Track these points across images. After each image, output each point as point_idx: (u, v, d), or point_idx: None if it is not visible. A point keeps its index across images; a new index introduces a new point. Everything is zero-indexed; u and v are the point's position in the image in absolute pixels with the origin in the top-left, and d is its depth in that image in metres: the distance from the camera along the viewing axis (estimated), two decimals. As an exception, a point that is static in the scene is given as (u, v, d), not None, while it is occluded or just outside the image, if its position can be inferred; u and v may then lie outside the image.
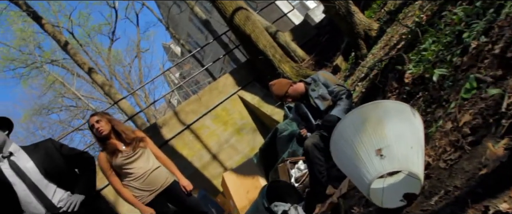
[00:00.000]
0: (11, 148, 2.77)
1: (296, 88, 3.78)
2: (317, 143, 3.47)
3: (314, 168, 3.47)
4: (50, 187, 2.70)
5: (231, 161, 8.87)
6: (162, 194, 3.22)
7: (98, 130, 3.18)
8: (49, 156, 2.79)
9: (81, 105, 22.78)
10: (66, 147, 2.95)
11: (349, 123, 1.90)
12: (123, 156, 3.16)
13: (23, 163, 2.71)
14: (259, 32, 8.96)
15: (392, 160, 1.75)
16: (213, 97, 9.29)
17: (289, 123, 6.27)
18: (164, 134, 8.82)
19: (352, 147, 1.84)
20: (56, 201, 2.68)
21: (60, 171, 2.78)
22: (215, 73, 23.21)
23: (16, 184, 2.64)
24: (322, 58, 9.28)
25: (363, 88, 4.92)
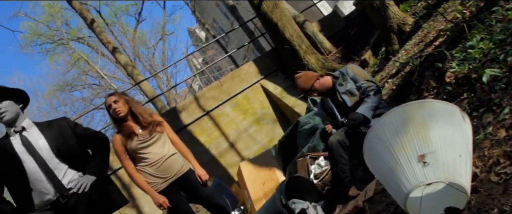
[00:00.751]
0: (24, 122, 2.64)
1: (323, 82, 3.54)
2: (342, 140, 3.25)
3: (338, 167, 3.25)
4: (61, 167, 2.56)
5: (249, 151, 8.70)
6: (176, 183, 3.06)
7: (115, 111, 3.03)
8: (62, 135, 2.65)
9: (103, 84, 22.97)
10: (81, 126, 2.81)
11: (389, 122, 1.67)
12: (139, 139, 3.00)
13: (35, 140, 2.57)
14: (287, 21, 8.70)
15: (437, 169, 1.51)
16: (235, 84, 9.11)
17: (311, 116, 6.04)
18: (183, 118, 8.70)
19: (389, 149, 1.62)
20: (66, 182, 2.54)
21: (73, 151, 2.64)
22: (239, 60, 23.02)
23: (26, 160, 2.51)
24: (349, 52, 8.96)
25: (394, 86, 4.64)
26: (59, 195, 2.51)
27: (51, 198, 2.51)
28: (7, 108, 2.56)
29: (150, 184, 3.01)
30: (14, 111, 2.60)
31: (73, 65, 22.31)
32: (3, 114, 2.55)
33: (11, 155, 2.51)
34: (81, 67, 22.60)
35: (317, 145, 5.49)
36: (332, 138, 3.27)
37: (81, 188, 2.53)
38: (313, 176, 4.63)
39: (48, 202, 2.51)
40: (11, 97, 2.63)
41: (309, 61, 8.56)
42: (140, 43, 23.67)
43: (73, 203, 2.52)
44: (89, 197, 2.55)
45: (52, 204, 2.51)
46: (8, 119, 2.57)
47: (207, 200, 3.10)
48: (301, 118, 6.20)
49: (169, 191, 3.00)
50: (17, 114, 2.62)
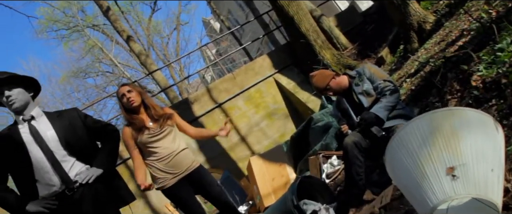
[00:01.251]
0: (34, 111, 2.57)
1: (339, 82, 3.43)
2: (358, 142, 3.14)
3: (352, 169, 3.15)
4: (68, 159, 2.49)
5: (259, 145, 8.61)
6: (186, 179, 2.97)
7: (129, 100, 2.97)
8: (72, 126, 2.57)
9: (117, 72, 23.06)
10: (91, 118, 2.73)
11: (415, 129, 1.55)
12: (150, 133, 2.93)
13: (43, 130, 2.50)
14: (303, 15, 8.55)
15: (467, 184, 1.40)
16: (248, 77, 9.00)
17: (325, 113, 5.91)
18: (195, 110, 8.63)
19: (415, 159, 1.50)
20: (72, 174, 2.47)
21: (82, 143, 2.56)
22: (252, 53, 22.89)
23: (32, 151, 2.44)
24: (366, 48, 8.78)
25: (412, 86, 4.48)
26: (64, 187, 2.44)
27: (57, 190, 2.44)
28: (17, 96, 2.50)
29: (159, 180, 2.93)
30: (24, 99, 2.54)
31: (87, 52, 22.42)
32: (13, 101, 2.48)
33: (18, 144, 2.45)
34: (95, 55, 22.71)
35: (330, 143, 5.38)
36: (347, 139, 3.16)
37: (86, 179, 2.46)
38: (325, 176, 4.53)
39: (53, 193, 2.44)
40: (22, 85, 2.57)
41: (324, 57, 8.40)
42: (155, 32, 23.67)
43: (78, 196, 2.45)
44: (95, 191, 2.48)
45: (58, 196, 2.44)
46: (18, 107, 2.50)
47: (216, 197, 3.02)
48: (314, 115, 6.08)
49: (178, 187, 2.92)
50: (27, 102, 2.55)
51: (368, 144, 3.19)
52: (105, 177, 2.55)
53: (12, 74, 2.55)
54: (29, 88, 2.62)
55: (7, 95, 2.48)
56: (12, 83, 2.52)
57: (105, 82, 24.30)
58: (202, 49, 25.92)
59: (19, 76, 2.57)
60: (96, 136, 2.69)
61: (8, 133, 2.51)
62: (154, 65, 14.97)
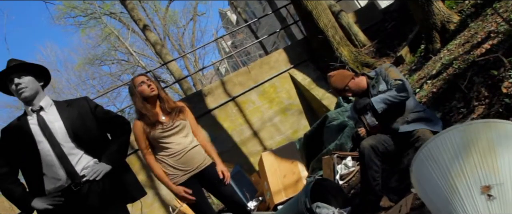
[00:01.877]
0: (43, 101, 2.49)
1: (358, 83, 3.31)
2: (375, 146, 3.02)
3: (368, 173, 3.03)
4: (76, 152, 2.41)
5: (272, 141, 8.51)
6: (197, 176, 2.88)
7: (150, 87, 2.88)
8: (81, 117, 2.48)
9: (132, 61, 23.10)
10: (101, 109, 2.62)
11: (447, 141, 1.42)
12: (163, 128, 2.84)
13: (51, 121, 2.43)
14: (322, 10, 8.38)
15: (505, 205, 1.27)
16: (263, 72, 8.88)
17: (341, 112, 5.77)
18: (208, 102, 8.55)
19: (445, 173, 1.38)
20: (79, 168, 2.38)
21: (91, 135, 2.47)
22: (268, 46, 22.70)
23: (40, 143, 2.37)
24: (384, 46, 8.57)
25: (434, 88, 4.31)
26: (71, 182, 2.36)
27: (62, 185, 2.37)
28: (27, 84, 2.43)
29: (169, 176, 2.84)
30: (34, 88, 2.46)
31: (103, 39, 22.50)
32: (23, 89, 2.41)
33: (27, 135, 2.38)
34: (111, 42, 22.78)
35: (345, 143, 5.25)
36: (364, 142, 3.05)
37: (94, 175, 2.38)
38: (338, 177, 4.40)
39: (59, 188, 2.37)
40: (33, 74, 2.49)
41: (341, 53, 8.24)
42: (171, 22, 23.64)
43: (85, 192, 2.37)
44: (103, 187, 2.40)
45: (63, 191, 2.37)
46: (27, 96, 2.43)
47: (227, 197, 2.92)
48: (330, 113, 5.94)
49: (189, 185, 2.83)
50: (36, 91, 2.48)
51: (386, 148, 3.07)
52: (114, 172, 2.46)
53: (23, 62, 2.48)
54: (39, 77, 2.54)
55: (16, 83, 2.41)
56: (22, 71, 2.45)
57: (120, 70, 24.42)
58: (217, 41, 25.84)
59: (29, 64, 2.50)
60: (106, 127, 2.59)
61: (18, 124, 2.45)
62: (169, 55, 14.94)
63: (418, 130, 2.96)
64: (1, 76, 2.44)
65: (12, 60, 2.48)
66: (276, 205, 6.25)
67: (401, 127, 3.07)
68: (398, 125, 3.10)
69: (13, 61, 2.47)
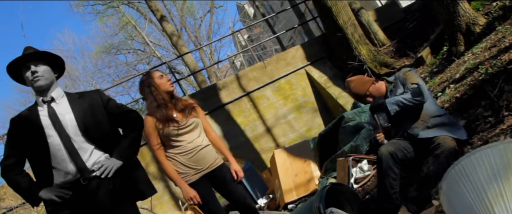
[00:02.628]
0: (54, 92, 2.42)
1: (378, 88, 3.20)
2: (394, 152, 2.89)
3: (386, 181, 2.90)
4: (86, 147, 2.33)
5: (285, 138, 8.39)
6: (208, 176, 2.80)
7: (170, 82, 2.85)
8: (92, 110, 2.40)
9: (148, 51, 23.13)
10: (114, 102, 2.53)
11: (484, 160, 1.29)
12: (177, 125, 2.76)
13: (62, 113, 2.35)
14: (342, 7, 8.20)
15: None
16: (279, 68, 8.75)
17: (357, 113, 5.62)
18: (222, 96, 8.47)
19: (481, 194, 1.26)
20: (90, 164, 2.31)
21: (102, 130, 2.39)
22: (284, 41, 22.53)
23: (51, 136, 2.29)
24: (404, 46, 8.37)
25: (457, 93, 4.14)
26: (80, 176, 2.29)
27: (71, 178, 2.30)
28: (43, 73, 2.36)
29: (180, 174, 2.76)
30: (50, 78, 2.40)
31: (121, 29, 22.55)
32: (38, 78, 2.34)
33: (36, 127, 2.30)
34: (128, 32, 22.81)
35: (361, 145, 5.10)
36: (382, 149, 2.92)
37: (105, 172, 2.30)
38: (353, 180, 4.27)
39: (68, 181, 2.30)
40: (50, 64, 2.43)
41: (360, 52, 8.06)
42: (188, 14, 23.57)
43: (94, 187, 2.29)
44: (112, 183, 2.32)
45: (72, 185, 2.30)
46: (42, 85, 2.36)
47: (238, 199, 2.82)
48: (346, 113, 5.79)
49: (199, 184, 2.74)
50: (51, 82, 2.41)
51: (405, 155, 2.94)
52: (125, 168, 2.38)
53: (41, 51, 2.41)
54: (55, 68, 2.47)
55: (33, 70, 2.33)
56: (40, 59, 2.38)
57: (135, 60, 24.47)
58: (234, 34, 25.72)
59: (47, 53, 2.43)
60: (118, 121, 2.51)
61: (27, 115, 2.37)
62: (185, 47, 14.90)
63: (438, 136, 2.82)
64: (17, 62, 2.38)
65: (30, 48, 2.42)
66: (286, 204, 6.15)
67: (421, 133, 2.94)
68: (418, 130, 2.97)
69: (31, 49, 2.41)
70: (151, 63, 23.00)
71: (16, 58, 2.36)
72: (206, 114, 8.08)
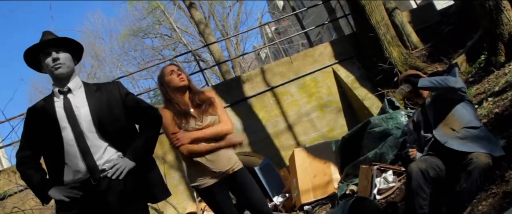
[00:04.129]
0: (72, 83, 2.29)
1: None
2: (425, 170, 2.70)
3: (415, 200, 2.71)
4: (99, 144, 2.20)
5: (306, 137, 8.21)
6: (225, 180, 2.67)
7: (180, 76, 2.73)
8: (109, 104, 2.27)
9: (175, 37, 23.15)
10: (132, 97, 2.39)
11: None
12: (192, 121, 2.64)
13: (77, 106, 2.23)
14: (375, 6, 7.90)
15: None
16: (306, 64, 8.54)
17: (385, 119, 5.38)
18: (246, 90, 8.32)
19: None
20: (101, 162, 2.19)
21: (117, 126, 2.26)
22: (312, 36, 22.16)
23: (65, 128, 2.18)
24: (438, 51, 8.02)
25: (497, 107, 3.87)
26: (90, 176, 2.18)
27: (81, 177, 2.19)
28: (65, 61, 2.25)
29: (197, 177, 2.64)
30: (70, 66, 2.28)
31: (149, 13, 22.62)
32: (59, 65, 2.23)
33: (51, 119, 2.20)
34: (156, 16, 22.86)
35: (386, 153, 4.88)
36: (413, 165, 2.73)
37: (116, 173, 2.18)
38: (376, 191, 4.07)
39: (77, 180, 2.19)
40: (70, 51, 2.31)
41: (391, 54, 7.77)
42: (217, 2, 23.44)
43: (105, 188, 2.18)
44: (124, 185, 2.20)
45: (82, 184, 2.19)
46: (63, 73, 2.25)
47: (256, 206, 2.67)
48: (373, 118, 5.57)
49: (216, 188, 2.62)
50: (72, 70, 2.29)
51: (437, 174, 2.73)
52: (138, 169, 2.25)
53: (63, 37, 2.28)
54: (74, 56, 2.35)
55: (54, 57, 2.21)
56: (62, 46, 2.26)
57: (162, 45, 24.56)
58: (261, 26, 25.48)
59: (70, 40, 2.30)
60: (135, 118, 2.37)
61: (43, 106, 2.27)
62: (211, 35, 14.81)
63: (471, 152, 2.62)
64: (37, 48, 2.26)
65: (49, 33, 2.29)
66: (302, 205, 6.02)
67: (450, 142, 2.75)
68: (447, 138, 2.77)
69: (50, 35, 2.28)
70: (177, 49, 23.06)
71: (37, 44, 2.24)
72: (228, 106, 7.96)
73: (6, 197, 6.76)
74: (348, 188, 4.97)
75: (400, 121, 5.14)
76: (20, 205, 6.43)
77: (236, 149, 2.81)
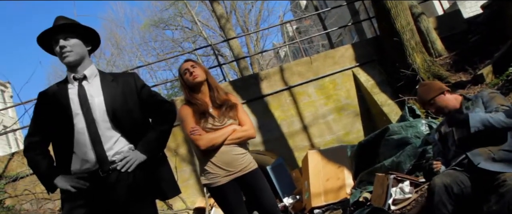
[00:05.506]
0: (88, 70, 2.24)
1: (446, 100, 2.88)
2: (449, 185, 2.55)
3: (435, 216, 2.57)
4: (111, 135, 2.14)
5: (321, 139, 8.08)
6: (238, 180, 2.59)
7: (193, 75, 2.66)
8: (124, 96, 2.21)
9: (195, 30, 23.16)
10: (148, 90, 2.34)
11: None
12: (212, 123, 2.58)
13: (92, 94, 2.18)
14: (402, 10, 7.71)
15: None
16: (326, 66, 8.39)
17: (404, 126, 5.22)
18: (263, 87, 8.23)
19: None
20: (111, 154, 2.12)
21: (131, 118, 2.20)
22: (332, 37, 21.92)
23: (77, 115, 2.12)
24: (463, 60, 7.79)
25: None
26: (98, 167, 2.11)
27: (89, 168, 2.12)
28: (73, 47, 2.18)
29: (210, 175, 2.56)
30: (80, 52, 2.21)
31: (171, 4, 22.68)
32: (67, 53, 2.17)
33: (64, 106, 2.14)
34: (178, 8, 22.90)
35: (403, 162, 4.73)
36: (437, 179, 2.58)
37: (125, 166, 2.11)
38: (391, 201, 3.94)
39: (85, 171, 2.13)
40: (81, 37, 2.23)
41: (414, 60, 7.58)
42: (240, -2, 23.36)
43: (113, 181, 2.11)
44: (133, 179, 2.13)
45: (90, 174, 2.12)
46: (71, 61, 2.18)
47: (267, 209, 2.58)
48: (391, 125, 5.42)
49: (229, 188, 2.54)
50: (82, 57, 2.22)
51: (462, 190, 2.59)
52: (148, 163, 2.18)
53: (71, 22, 2.21)
54: (87, 41, 2.27)
55: (61, 45, 2.15)
56: (69, 32, 2.19)
57: (182, 37, 24.63)
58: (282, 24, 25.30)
59: (78, 25, 2.23)
60: (148, 111, 2.31)
61: (56, 91, 2.21)
62: (232, 30, 14.75)
63: (505, 173, 2.47)
64: (46, 35, 2.21)
65: (61, 18, 2.23)
66: (312, 208, 5.91)
67: (483, 163, 2.59)
68: (481, 158, 2.62)
69: (61, 20, 2.21)
70: (197, 42, 23.07)
71: (44, 31, 2.18)
72: (244, 103, 7.87)
73: (18, 178, 6.81)
74: (362, 195, 4.84)
75: (420, 130, 4.98)
76: (31, 188, 6.48)
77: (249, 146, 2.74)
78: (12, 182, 6.85)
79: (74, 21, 2.23)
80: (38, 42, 2.24)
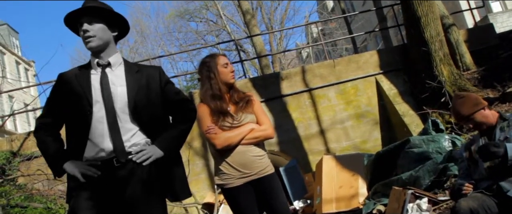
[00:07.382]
0: (113, 57, 2.15)
1: (487, 116, 2.70)
2: (476, 210, 2.40)
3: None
4: (130, 127, 2.06)
5: (337, 145, 7.92)
6: (253, 184, 2.49)
7: (233, 74, 2.63)
8: (148, 89, 2.13)
9: (220, 24, 23.15)
10: (172, 86, 2.26)
11: None
12: (231, 122, 2.51)
13: (115, 83, 2.10)
14: (432, 19, 7.47)
15: None
16: (349, 70, 8.22)
17: (426, 140, 5.04)
18: (283, 87, 8.11)
19: None
20: (129, 145, 2.05)
21: (152, 112, 2.12)
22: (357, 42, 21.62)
23: (97, 103, 2.05)
24: (492, 76, 7.51)
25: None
26: (113, 156, 2.03)
27: (103, 156, 2.04)
28: (96, 32, 2.09)
29: (224, 175, 2.48)
30: (105, 38, 2.12)
31: (198, -4, 22.70)
32: (90, 39, 2.08)
33: (84, 91, 2.06)
34: (205, 1, 22.95)
35: (422, 177, 4.56)
36: (463, 202, 2.43)
37: (142, 158, 2.03)
38: (406, 217, 3.79)
39: (99, 158, 2.05)
40: (106, 22, 2.14)
41: (441, 72, 7.33)
42: (267, -5, 23.23)
43: (126, 173, 2.03)
44: (147, 175, 2.05)
45: (103, 163, 2.04)
46: (95, 46, 2.10)
47: None
48: (412, 138, 5.24)
49: (242, 191, 2.46)
50: (106, 43, 2.13)
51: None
52: (164, 161, 2.11)
53: (99, 5, 2.12)
54: (113, 27, 2.18)
55: (84, 29, 2.07)
56: (95, 16, 2.10)
57: (206, 30, 24.64)
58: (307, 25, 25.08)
59: (104, 9, 2.13)
60: (170, 108, 2.24)
61: (78, 75, 2.13)
62: (256, 27, 14.64)
63: None
64: (72, 16, 2.13)
65: (90, 1, 2.14)
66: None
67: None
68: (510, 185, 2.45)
69: (89, 2, 2.13)
70: (220, 36, 23.06)
71: (69, 13, 2.11)
72: (263, 101, 7.77)
73: (33, 158, 6.87)
74: (375, 207, 4.70)
75: (443, 145, 4.79)
76: (44, 169, 6.51)
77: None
78: (27, 161, 6.90)
79: (102, 5, 2.15)
80: (65, 23, 2.18)
